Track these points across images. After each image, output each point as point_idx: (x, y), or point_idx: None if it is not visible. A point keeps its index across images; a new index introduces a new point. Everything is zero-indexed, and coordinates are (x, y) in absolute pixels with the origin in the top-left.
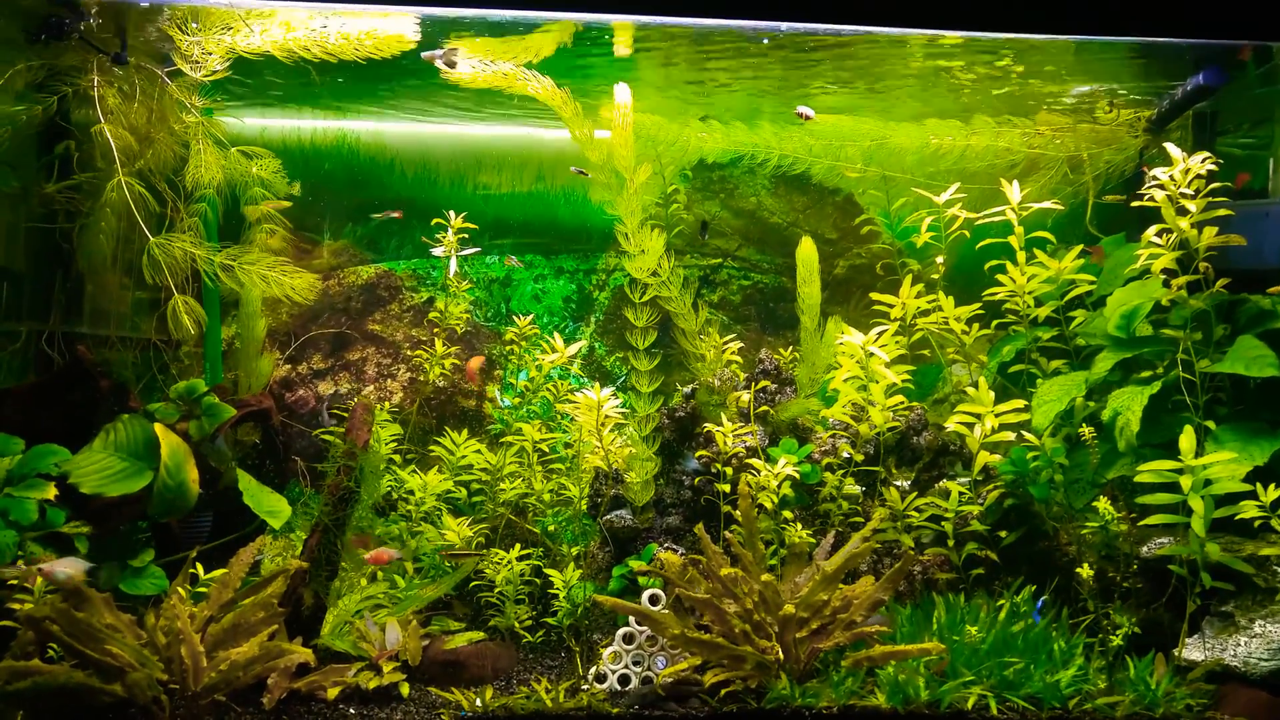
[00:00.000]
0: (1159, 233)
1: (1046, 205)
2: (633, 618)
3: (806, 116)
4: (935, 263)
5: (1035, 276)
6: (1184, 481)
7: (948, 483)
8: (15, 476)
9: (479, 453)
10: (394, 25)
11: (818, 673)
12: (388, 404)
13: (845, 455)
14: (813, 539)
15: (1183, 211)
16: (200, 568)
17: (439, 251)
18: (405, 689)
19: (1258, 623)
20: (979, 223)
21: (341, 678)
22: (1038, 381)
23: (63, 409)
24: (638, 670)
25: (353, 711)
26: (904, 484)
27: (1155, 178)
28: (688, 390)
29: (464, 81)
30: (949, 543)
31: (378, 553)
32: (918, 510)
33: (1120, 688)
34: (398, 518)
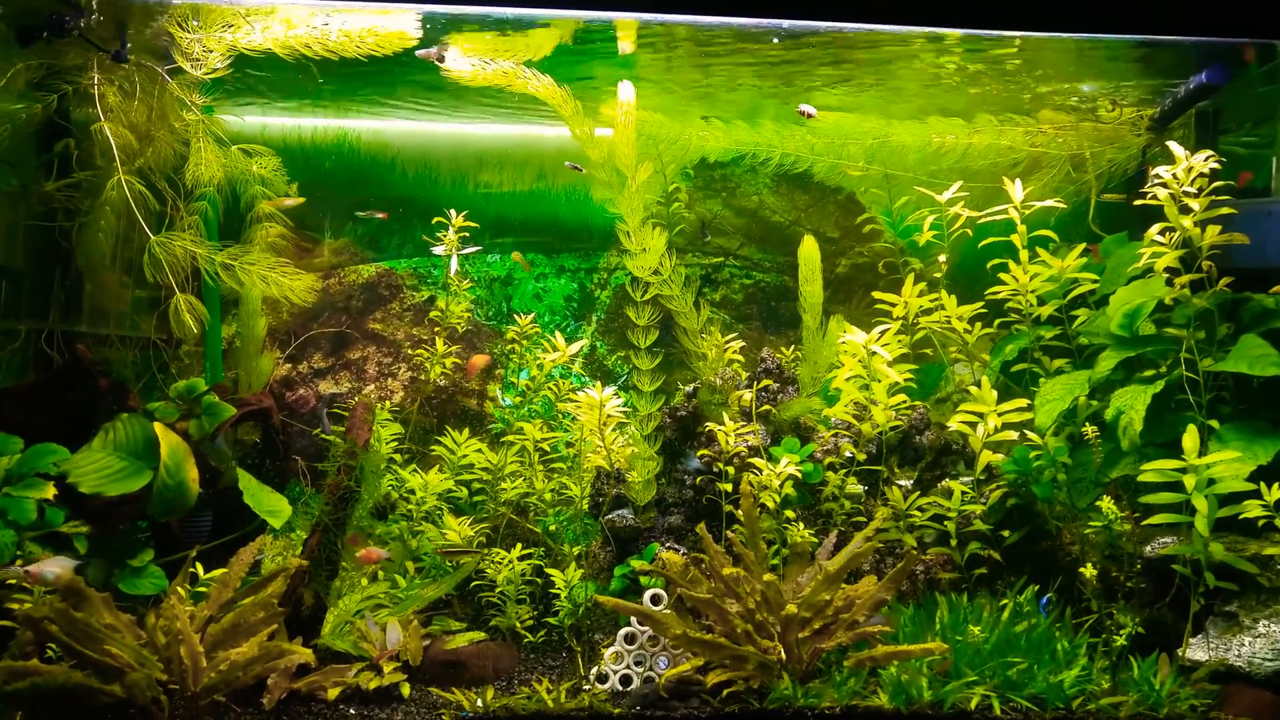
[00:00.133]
0: (1162, 231)
1: (1049, 204)
2: (634, 618)
3: (809, 114)
4: (938, 261)
5: (1038, 275)
6: (1187, 481)
7: (950, 482)
8: (14, 476)
9: (480, 452)
10: (396, 22)
11: (820, 673)
12: (388, 403)
13: (847, 454)
14: (815, 538)
15: (1186, 210)
16: (200, 567)
17: (440, 250)
18: (406, 689)
19: (1262, 622)
20: (981, 221)
21: (342, 678)
22: (1040, 380)
23: (62, 408)
24: (639, 670)
25: (353, 712)
26: (906, 483)
27: (1159, 176)
28: (690, 389)
29: (464, 79)
30: (952, 542)
31: (366, 552)
32: (920, 510)
33: (1124, 688)
34: (398, 517)
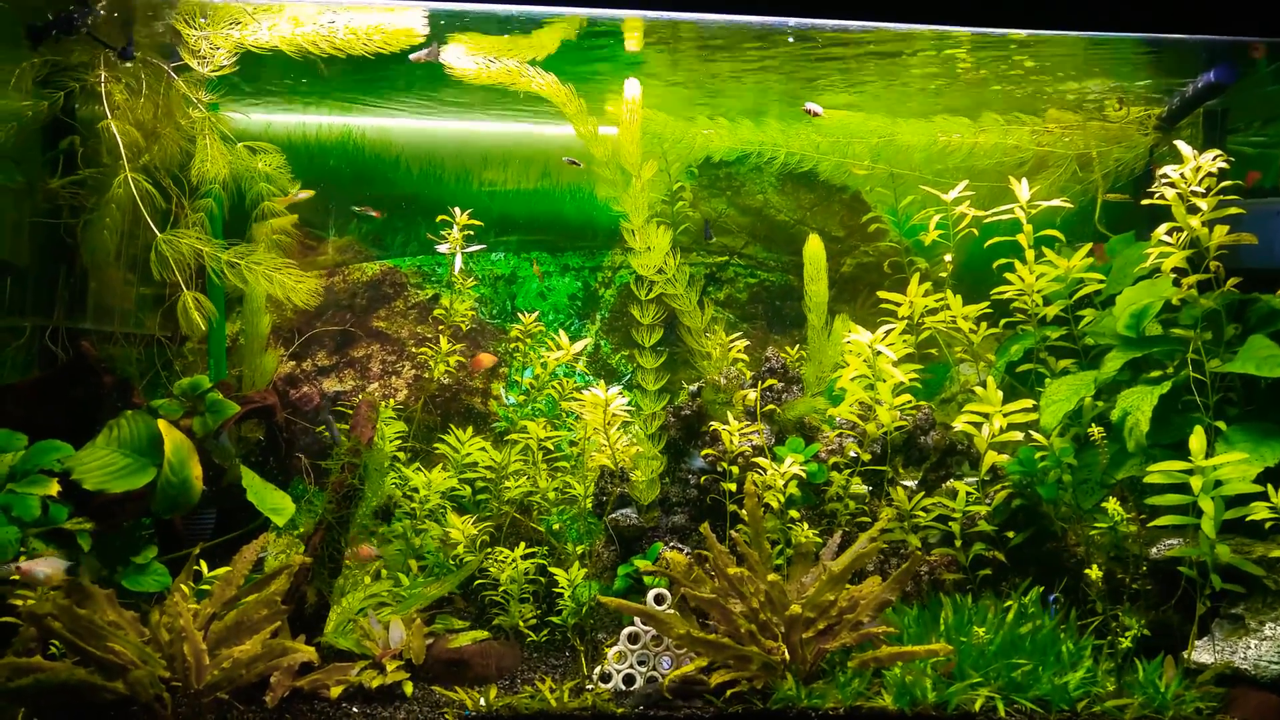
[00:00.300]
0: (1169, 231)
1: (1056, 203)
2: (638, 618)
3: (815, 113)
4: (943, 261)
5: (1044, 275)
6: (1194, 482)
7: (955, 482)
8: (18, 472)
9: (484, 450)
10: (402, 20)
11: (824, 673)
12: (392, 401)
13: (852, 454)
14: (819, 539)
15: (1194, 210)
16: (204, 565)
17: (444, 248)
18: (409, 688)
19: (1268, 625)
20: (987, 221)
21: (345, 676)
22: (1046, 381)
23: (66, 405)
24: (642, 670)
25: (356, 710)
26: (911, 484)
27: (1166, 176)
28: (694, 388)
29: (468, 78)
30: (956, 543)
31: (359, 549)
32: (925, 510)
33: (1129, 690)
34: (402, 515)
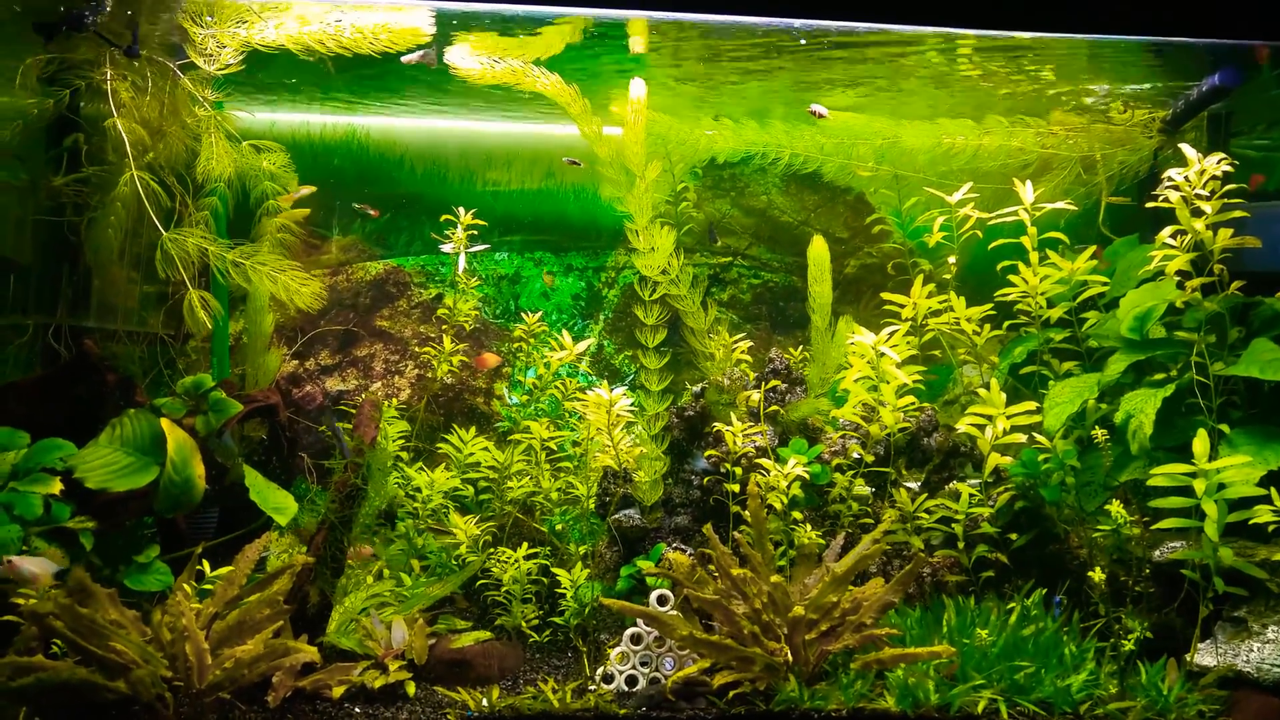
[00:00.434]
0: (1174, 234)
1: (1059, 206)
2: (640, 619)
3: (820, 114)
4: (947, 263)
5: (1048, 277)
6: (1197, 485)
7: (958, 484)
8: (20, 471)
9: (486, 450)
10: (409, 19)
11: (827, 675)
12: (395, 400)
13: (855, 456)
14: (822, 540)
15: (1198, 213)
16: (206, 564)
17: (448, 248)
18: (411, 688)
19: (1270, 628)
20: (991, 223)
21: (347, 676)
22: (1049, 383)
23: (69, 403)
24: (645, 671)
25: (358, 710)
26: (914, 485)
27: (1171, 179)
28: (697, 389)
29: (472, 78)
30: (959, 545)
31: (358, 550)
32: (928, 512)
33: (1132, 693)
34: (404, 515)
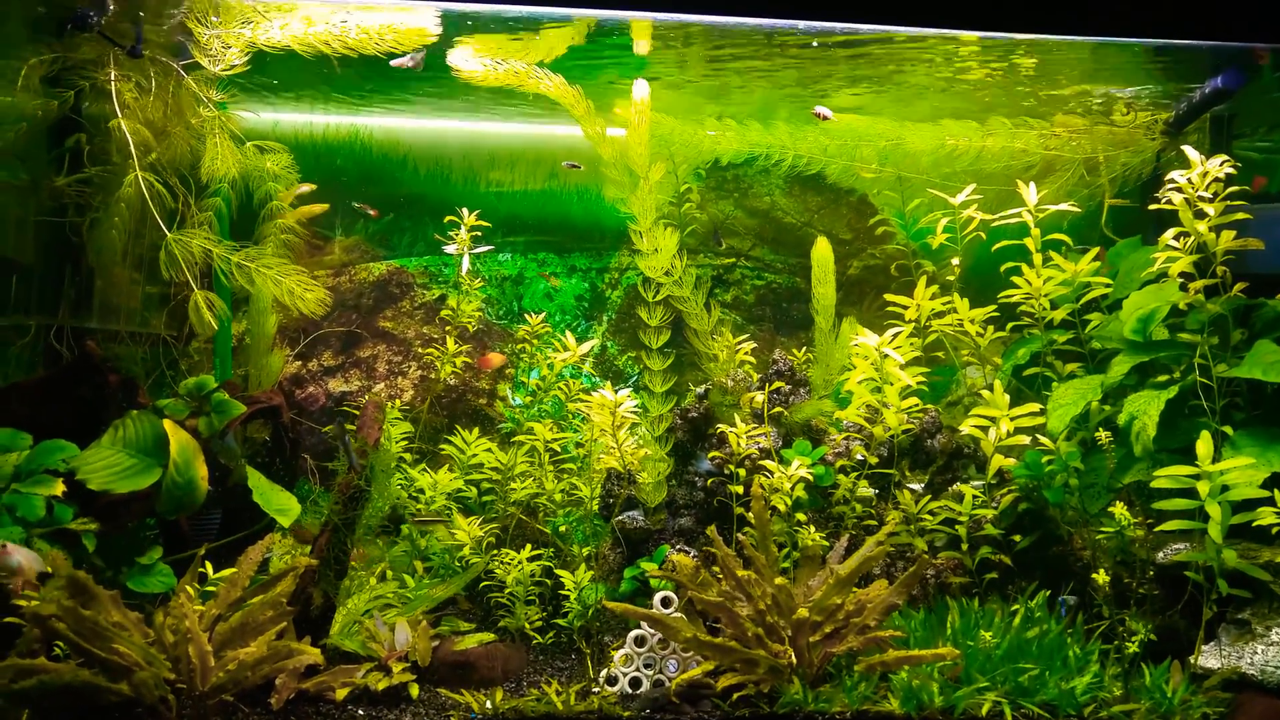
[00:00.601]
0: (1176, 236)
1: (1063, 207)
2: (644, 621)
3: (824, 117)
4: (950, 264)
5: (1051, 279)
6: (1201, 487)
7: (961, 486)
8: (23, 472)
9: (490, 451)
10: (414, 20)
11: (831, 677)
12: (398, 401)
13: (859, 458)
14: (826, 542)
15: (1201, 215)
16: (209, 566)
17: (452, 249)
18: (414, 690)
19: (1275, 631)
20: (995, 224)
21: (350, 678)
22: (1053, 385)
23: (71, 404)
24: (649, 673)
25: (361, 713)
26: (918, 487)
27: (1173, 181)
28: (701, 390)
29: (475, 80)
30: (963, 546)
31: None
32: (931, 514)
33: (1136, 695)
34: (408, 515)
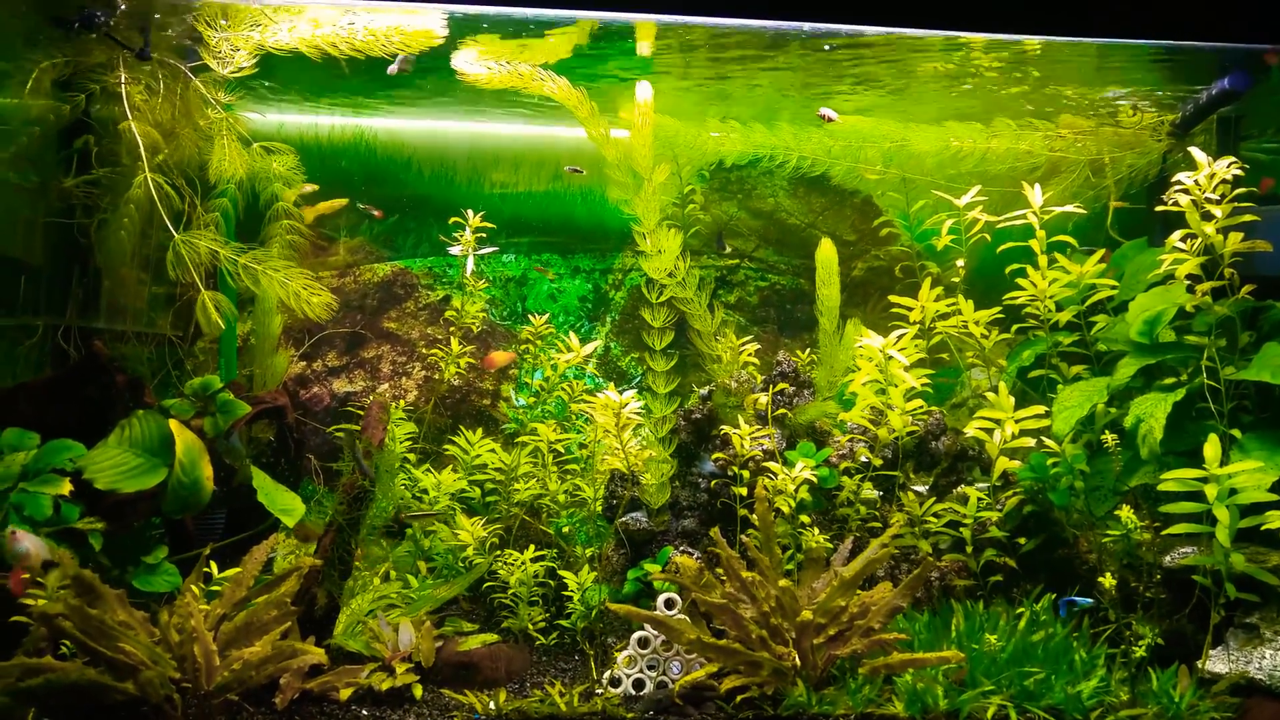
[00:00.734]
0: (1183, 238)
1: (1068, 209)
2: (647, 623)
3: (829, 119)
4: (955, 266)
5: (1056, 281)
6: (1209, 490)
7: (966, 488)
8: (30, 471)
9: (493, 452)
10: (421, 21)
11: (835, 679)
12: (402, 402)
13: (863, 459)
14: (830, 544)
15: (1208, 216)
16: (214, 566)
17: (457, 250)
18: (418, 690)
19: None
20: (1000, 226)
21: (354, 678)
22: (1058, 387)
23: (78, 404)
24: (652, 674)
25: (365, 713)
26: (922, 489)
27: (1180, 182)
28: (704, 392)
29: (480, 82)
30: (967, 549)
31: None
32: (936, 516)
33: (1143, 700)
34: (401, 511)
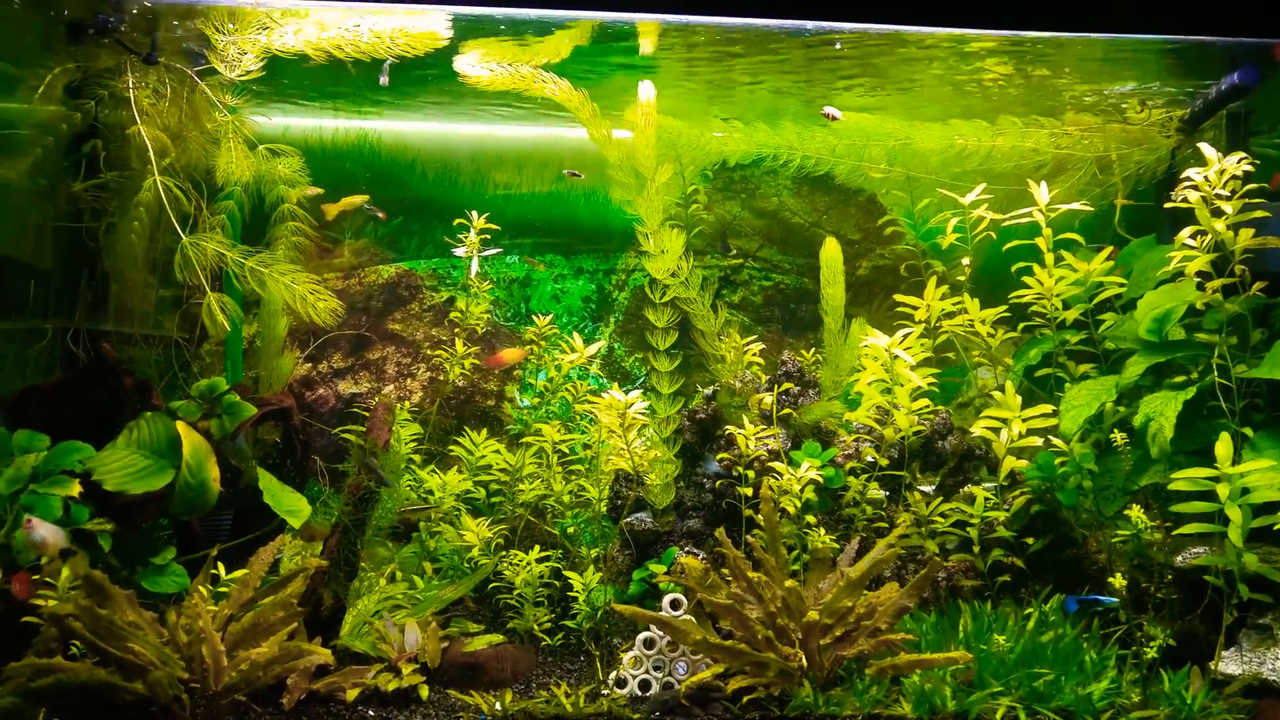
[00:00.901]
0: (1193, 235)
1: (1075, 206)
2: (653, 624)
3: (833, 117)
4: (961, 264)
5: (1063, 279)
6: (1221, 490)
7: (973, 488)
8: (40, 473)
9: (498, 453)
10: (426, 23)
11: (841, 680)
12: (407, 403)
13: (869, 459)
14: (836, 544)
15: (1218, 213)
16: (221, 566)
17: (460, 251)
18: (424, 691)
19: None
20: (1005, 224)
21: (360, 679)
22: (1065, 386)
23: (87, 406)
24: (658, 675)
25: (371, 713)
26: (929, 489)
27: (1190, 179)
28: (709, 392)
29: (481, 84)
30: (974, 549)
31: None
32: (942, 516)
33: (1155, 701)
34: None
